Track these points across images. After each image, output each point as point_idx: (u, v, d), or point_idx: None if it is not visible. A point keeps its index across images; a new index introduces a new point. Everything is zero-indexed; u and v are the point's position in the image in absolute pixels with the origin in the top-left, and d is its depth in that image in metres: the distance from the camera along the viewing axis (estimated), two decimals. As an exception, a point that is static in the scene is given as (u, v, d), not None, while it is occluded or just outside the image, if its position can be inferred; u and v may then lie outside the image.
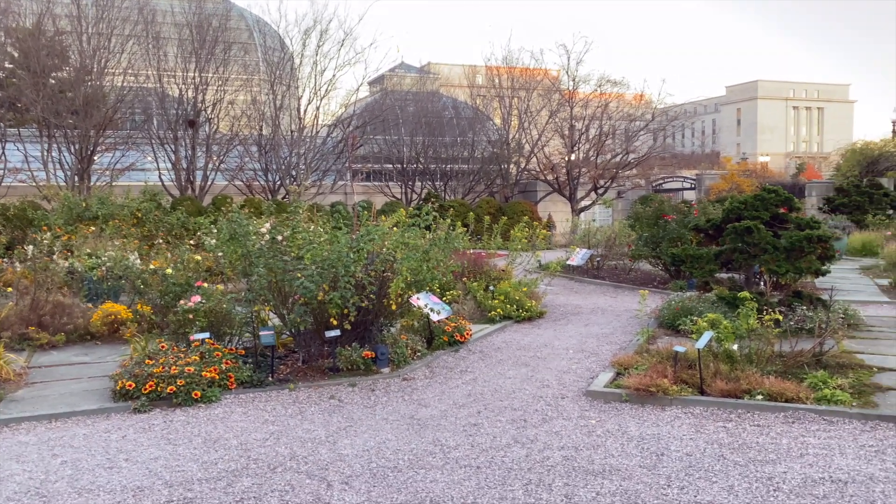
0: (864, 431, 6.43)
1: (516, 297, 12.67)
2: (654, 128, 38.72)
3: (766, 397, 7.16)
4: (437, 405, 7.55)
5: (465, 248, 15.30)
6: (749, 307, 8.16)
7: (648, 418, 6.99)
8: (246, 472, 5.81)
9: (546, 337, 11.17)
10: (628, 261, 18.60)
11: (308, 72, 31.46)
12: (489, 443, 6.38)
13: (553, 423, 6.90)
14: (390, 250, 8.74)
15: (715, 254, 10.86)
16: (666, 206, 18.23)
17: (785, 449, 6.06)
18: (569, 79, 36.75)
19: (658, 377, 7.59)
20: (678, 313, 10.75)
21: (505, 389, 8.14)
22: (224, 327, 9.07)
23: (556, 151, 37.64)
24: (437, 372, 8.95)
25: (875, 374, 8.02)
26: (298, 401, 7.75)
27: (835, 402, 6.97)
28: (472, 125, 38.75)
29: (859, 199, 30.66)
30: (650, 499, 5.17)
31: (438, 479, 5.62)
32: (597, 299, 15.19)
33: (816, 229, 10.49)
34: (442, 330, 10.14)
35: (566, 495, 5.26)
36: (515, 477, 5.61)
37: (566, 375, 8.73)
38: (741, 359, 7.98)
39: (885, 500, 5.03)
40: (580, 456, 6.03)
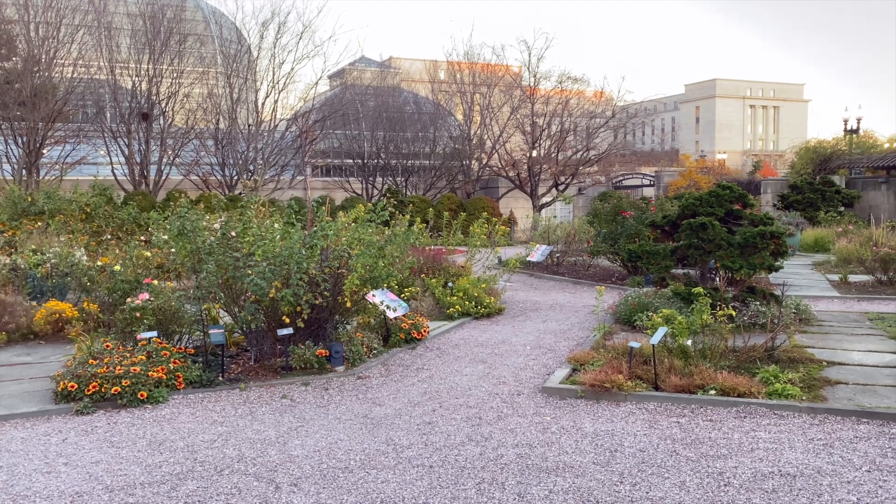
0: (814, 425, 6.50)
1: (475, 293, 12.61)
2: (615, 125, 39.09)
3: (718, 392, 7.21)
4: (392, 404, 7.44)
5: (425, 244, 15.20)
6: (703, 303, 8.22)
7: (603, 414, 6.97)
8: (191, 475, 5.62)
9: (504, 333, 11.13)
10: (587, 257, 18.71)
11: (266, 65, 31.05)
12: (443, 441, 6.29)
13: (508, 421, 6.84)
14: (345, 246, 8.58)
15: (671, 250, 10.94)
16: (624, 203, 18.37)
17: (736, 444, 6.09)
18: (530, 75, 36.88)
19: (613, 373, 7.59)
20: (635, 309, 10.81)
21: (461, 387, 8.06)
22: (173, 326, 8.81)
23: (517, 148, 37.76)
24: (392, 370, 8.83)
25: (825, 368, 8.15)
26: (249, 401, 7.56)
27: (785, 396, 7.04)
28: (433, 120, 38.64)
29: (812, 196, 31.42)
30: (603, 496, 5.14)
31: (390, 479, 5.51)
32: (556, 295, 15.22)
33: (769, 226, 10.63)
34: (399, 327, 10.03)
35: (519, 494, 5.20)
36: (468, 476, 5.53)
37: (523, 372, 8.69)
38: (695, 354, 8.03)
39: (831, 493, 5.08)
40: (534, 453, 5.97)
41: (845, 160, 42.10)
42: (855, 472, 5.42)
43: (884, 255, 15.32)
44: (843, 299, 13.75)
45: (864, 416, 6.61)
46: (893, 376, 7.79)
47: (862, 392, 7.24)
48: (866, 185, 39.31)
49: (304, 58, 32.32)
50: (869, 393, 7.21)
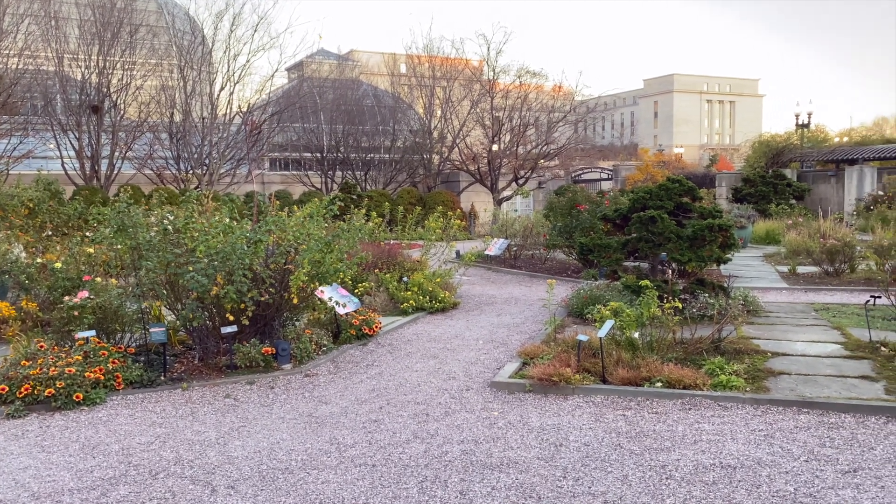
0: (756, 416, 6.57)
1: (430, 288, 12.53)
2: (574, 119, 39.31)
3: (665, 384, 7.24)
4: (339, 402, 7.31)
5: (381, 238, 15.07)
6: (650, 295, 8.25)
7: (550, 408, 6.95)
8: (124, 480, 5.43)
9: (458, 328, 11.07)
10: (544, 250, 18.79)
11: (221, 56, 30.42)
12: (388, 439, 6.20)
13: (455, 417, 6.78)
14: (292, 242, 8.41)
15: (622, 243, 11.00)
16: (579, 197, 18.48)
17: (680, 436, 6.12)
18: (489, 69, 36.85)
19: (562, 366, 7.58)
20: (586, 302, 10.84)
21: (410, 383, 7.97)
22: (114, 324, 8.55)
23: (477, 142, 37.73)
24: (341, 367, 8.69)
25: (769, 359, 8.26)
26: (191, 401, 7.37)
27: (730, 387, 7.10)
28: (393, 114, 38.41)
29: (764, 189, 32.03)
30: (545, 492, 5.10)
31: (331, 479, 5.39)
32: (512, 289, 15.23)
33: (718, 218, 10.76)
34: (350, 323, 9.89)
35: (461, 491, 5.13)
36: (411, 474, 5.45)
37: (474, 367, 8.63)
38: (643, 346, 8.06)
39: (769, 483, 5.12)
40: (479, 449, 5.92)
41: (797, 154, 43.08)
42: (793, 463, 5.48)
43: (830, 246, 15.66)
44: (791, 290, 14.02)
45: (805, 406, 6.70)
46: (834, 366, 7.93)
47: (804, 382, 7.35)
48: (816, 178, 40.29)
49: (260, 50, 31.94)
50: (811, 383, 7.31)
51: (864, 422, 6.33)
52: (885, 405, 6.55)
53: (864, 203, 31.98)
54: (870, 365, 7.90)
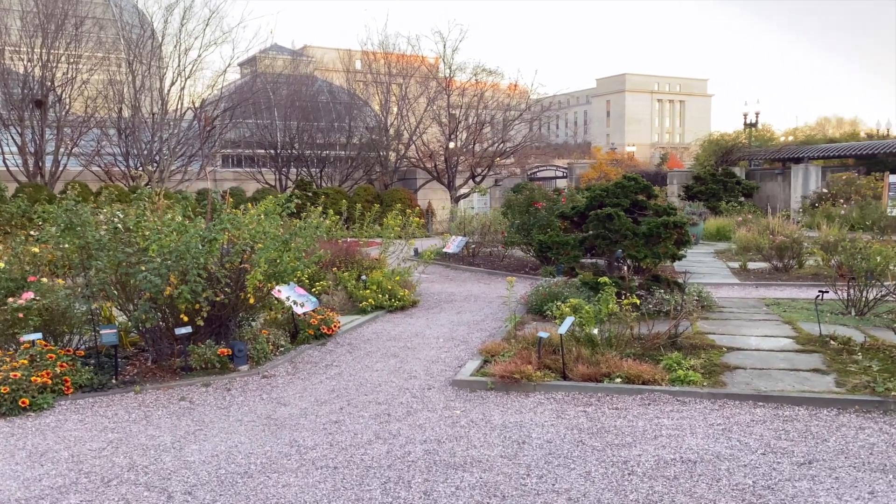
0: (714, 410, 6.68)
1: (389, 286, 12.44)
2: (529, 117, 39.62)
3: (624, 380, 7.31)
4: (298, 403, 7.19)
5: (338, 236, 14.90)
6: (608, 292, 8.33)
7: (512, 406, 6.95)
8: (74, 488, 5.23)
9: (418, 326, 11.01)
10: (502, 248, 18.86)
11: (171, 51, 29.74)
12: (349, 441, 6.11)
13: (417, 416, 6.72)
14: (248, 240, 8.23)
15: (579, 240, 11.09)
16: (537, 194, 18.58)
17: (641, 431, 6.18)
18: (445, 66, 36.85)
19: (523, 363, 7.59)
20: (545, 299, 10.90)
21: (371, 383, 7.88)
22: (62, 326, 8.25)
23: (434, 139, 37.72)
24: (300, 368, 8.55)
25: (725, 353, 8.42)
26: (145, 404, 7.15)
27: (688, 382, 7.21)
28: (349, 110, 38.10)
29: (715, 187, 32.76)
30: (509, 490, 5.08)
31: (292, 482, 5.28)
32: (471, 286, 15.24)
33: (673, 216, 10.93)
34: (308, 323, 9.74)
35: (425, 492, 5.08)
36: (374, 476, 5.37)
37: (435, 365, 8.59)
38: (602, 343, 8.13)
39: (729, 477, 5.21)
40: (442, 449, 5.87)
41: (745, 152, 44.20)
42: (751, 456, 5.58)
43: (779, 243, 16.09)
44: (743, 286, 14.34)
45: (761, 399, 6.84)
46: (787, 360, 8.12)
47: (759, 376, 7.50)
48: (764, 176, 41.40)
49: (212, 44, 31.25)
50: (765, 377, 7.48)
51: (817, 414, 6.49)
52: (836, 398, 6.72)
53: (810, 200, 32.98)
54: (820, 358, 8.11)
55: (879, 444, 5.74)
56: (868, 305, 10.51)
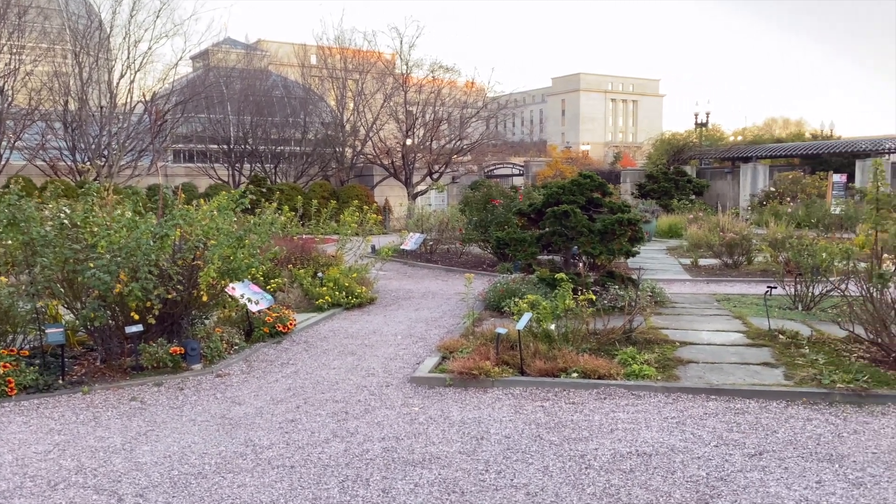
0: (668, 404, 6.80)
1: (346, 283, 12.34)
2: (486, 115, 39.77)
3: (580, 375, 7.39)
4: (253, 402, 7.07)
5: (293, 233, 14.71)
6: (565, 288, 8.40)
7: (471, 402, 6.96)
8: (19, 493, 5.04)
9: (375, 323, 10.94)
10: (460, 245, 18.89)
11: (120, 42, 28.91)
12: (306, 439, 6.03)
13: (375, 414, 6.67)
14: (201, 236, 8.05)
15: (536, 237, 11.17)
16: (494, 192, 18.66)
17: (597, 425, 6.25)
18: (402, 62, 36.72)
19: (481, 359, 7.61)
20: (503, 295, 10.95)
21: (328, 381, 7.80)
22: (4, 326, 7.95)
23: (391, 135, 37.56)
24: (255, 366, 8.41)
25: (678, 348, 8.58)
26: (93, 405, 6.94)
27: (642, 376, 7.32)
28: (304, 106, 37.66)
29: (667, 185, 33.39)
30: (468, 485, 5.09)
31: (247, 483, 5.19)
32: (429, 283, 15.22)
33: (627, 213, 11.09)
34: (263, 321, 9.59)
35: (384, 489, 5.05)
36: (332, 474, 5.32)
37: (393, 362, 8.55)
38: (559, 338, 8.20)
39: (683, 469, 5.30)
40: (401, 446, 5.85)
41: (696, 152, 45.16)
42: (705, 448, 5.69)
43: (729, 240, 16.47)
44: (694, 282, 14.65)
45: (713, 392, 6.99)
46: (738, 354, 8.32)
47: (711, 370, 7.67)
48: (714, 175, 42.37)
49: (163, 37, 30.43)
50: (717, 371, 7.64)
51: (767, 406, 6.66)
52: (784, 390, 6.91)
53: (758, 199, 33.85)
54: (770, 352, 8.33)
55: (826, 435, 5.92)
56: (814, 300, 10.83)
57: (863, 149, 37.81)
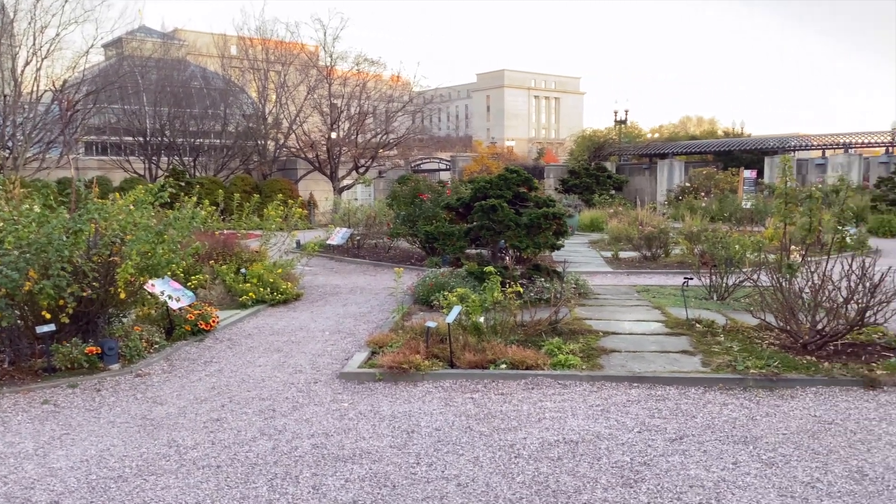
0: (593, 392, 6.98)
1: (270, 279, 12.10)
2: (412, 109, 39.69)
3: (509, 366, 7.49)
4: (176, 402, 6.84)
5: (215, 228, 14.31)
6: (494, 281, 8.50)
7: (401, 396, 6.95)
8: (-81, 506, 4.72)
9: (302, 319, 10.78)
10: (388, 239, 18.81)
11: (25, 28, 27.33)
12: (233, 438, 5.89)
13: (304, 411, 6.58)
14: (118, 231, 7.72)
15: (465, 231, 11.24)
16: (422, 186, 18.67)
17: (525, 415, 6.35)
18: (326, 55, 36.22)
19: (411, 353, 7.61)
20: (432, 289, 10.97)
21: (254, 378, 7.64)
22: None
23: (316, 128, 36.99)
24: (177, 365, 8.15)
25: (601, 338, 8.81)
26: (1, 409, 6.56)
27: (568, 366, 7.49)
28: (224, 97, 36.63)
29: (588, 180, 34.24)
30: (399, 479, 5.08)
31: (172, 484, 5.03)
32: (356, 278, 15.10)
33: (552, 207, 11.30)
34: (184, 318, 9.29)
35: (314, 486, 4.99)
36: (260, 473, 5.21)
37: (321, 358, 8.44)
38: (487, 330, 8.29)
39: (608, 455, 5.46)
40: (330, 442, 5.78)
41: (615, 148, 46.49)
42: (628, 434, 5.87)
43: (648, 233, 17.05)
44: (616, 274, 15.08)
45: (635, 380, 7.22)
46: (658, 343, 8.62)
47: (633, 359, 7.91)
48: (633, 170, 43.73)
49: (72, 23, 28.84)
50: (639, 359, 7.89)
51: (686, 392, 6.93)
52: (702, 377, 7.21)
53: (674, 193, 35.14)
54: (688, 340, 8.67)
55: (741, 419, 6.21)
56: (728, 290, 11.34)
57: (771, 146, 39.81)
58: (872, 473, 5.07)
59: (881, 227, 23.08)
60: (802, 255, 9.09)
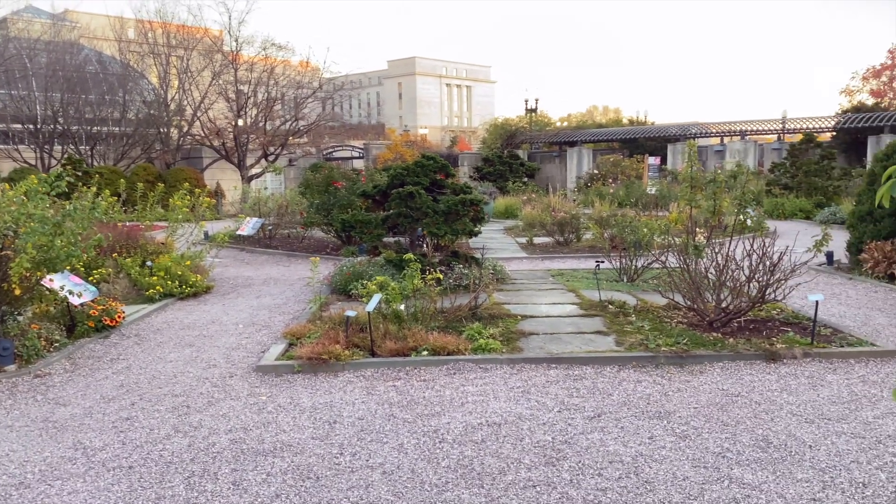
0: (513, 374, 7.08)
1: (179, 272, 11.63)
2: (322, 96, 38.98)
3: (430, 352, 7.50)
4: (81, 402, 6.48)
5: (117, 219, 13.63)
6: (413, 268, 8.47)
7: (321, 387, 6.83)
8: None
9: (214, 313, 10.42)
10: (301, 229, 18.45)
11: None
12: (145, 437, 5.62)
13: (220, 406, 6.36)
14: (10, 224, 7.21)
15: (382, 219, 11.15)
16: (336, 174, 18.38)
17: (448, 400, 6.37)
18: (231, 39, 35.00)
19: (330, 344, 7.49)
20: (350, 278, 10.84)
21: (165, 375, 7.33)
22: None
23: (222, 116, 35.74)
24: (80, 364, 7.71)
25: (520, 321, 8.95)
26: None
27: (488, 350, 7.57)
28: (122, 83, 34.83)
29: (502, 168, 34.66)
30: (323, 470, 4.99)
31: (80, 488, 4.75)
32: (269, 269, 14.73)
33: (469, 194, 11.36)
34: (87, 315, 8.80)
35: (234, 482, 4.83)
36: (176, 471, 5.00)
37: (236, 352, 8.18)
38: (408, 318, 8.26)
39: (531, 435, 5.55)
40: (250, 437, 5.62)
41: (527, 136, 47.30)
42: (549, 414, 5.99)
43: (560, 219, 17.44)
44: (531, 259, 15.36)
45: (553, 361, 7.37)
46: (574, 325, 8.83)
47: (550, 340, 8.08)
48: (544, 158, 44.63)
49: (-51, 0, 26.71)
50: (556, 341, 8.06)
51: (602, 371, 7.13)
52: (616, 355, 7.44)
53: (584, 180, 36.10)
54: (602, 321, 8.92)
55: (654, 395, 6.44)
56: (637, 272, 11.74)
57: (673, 134, 41.46)
58: (776, 441, 5.37)
59: (775, 209, 24.50)
60: (707, 236, 9.51)
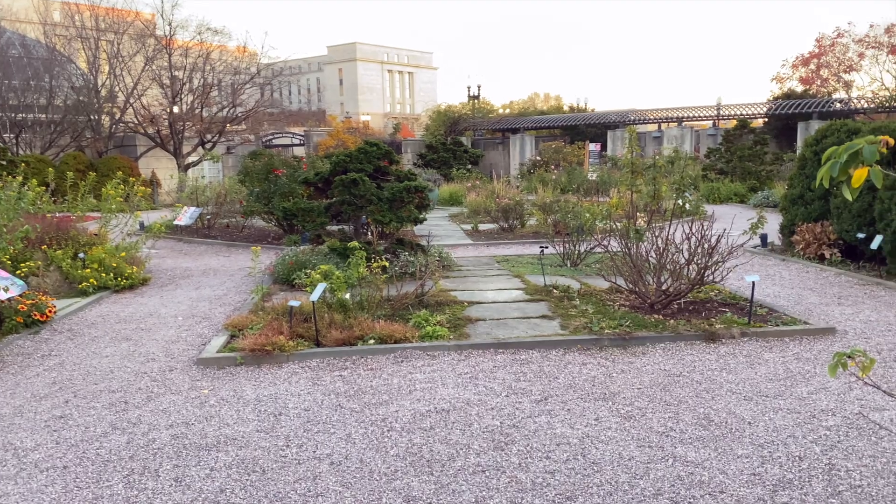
0: (461, 360, 7.07)
1: (113, 263, 11.23)
2: (260, 82, 38.21)
3: (377, 341, 7.43)
4: (10, 401, 6.18)
5: (46, 210, 13.06)
6: (358, 256, 8.37)
7: (265, 379, 6.69)
8: None
9: (151, 305, 10.10)
10: (241, 218, 18.05)
11: None
12: (80, 435, 5.40)
13: (160, 401, 6.16)
14: (-73, 214, 6.80)
15: (325, 206, 10.97)
16: (276, 161, 18.00)
17: (396, 388, 6.32)
18: (165, 23, 33.89)
19: (274, 335, 7.34)
20: (293, 268, 10.65)
21: (101, 370, 7.06)
22: None
23: (156, 102, 34.63)
24: (9, 361, 7.36)
25: (466, 307, 8.95)
26: None
27: (436, 337, 7.54)
28: (48, 68, 33.32)
29: (446, 155, 34.65)
30: (269, 463, 4.89)
31: (11, 491, 4.53)
32: (209, 260, 14.36)
33: (414, 181, 11.28)
34: (15, 310, 8.40)
35: (176, 478, 4.68)
36: (114, 469, 4.82)
37: (175, 345, 7.94)
38: (354, 307, 8.17)
39: (479, 421, 5.55)
40: (192, 431, 5.46)
41: (470, 123, 47.35)
42: (497, 399, 6.00)
43: (504, 205, 17.53)
44: (476, 245, 15.40)
45: (500, 347, 7.40)
46: (520, 310, 8.88)
47: (497, 326, 8.10)
48: (487, 145, 44.81)
49: None
50: (503, 326, 8.10)
51: (548, 355, 7.19)
52: (561, 339, 7.52)
53: (527, 167, 36.38)
54: (546, 306, 9.00)
55: (599, 377, 6.53)
56: (580, 257, 11.90)
57: (612, 121, 42.18)
58: (717, 419, 5.51)
59: (711, 193, 25.19)
60: (647, 221, 9.69)
